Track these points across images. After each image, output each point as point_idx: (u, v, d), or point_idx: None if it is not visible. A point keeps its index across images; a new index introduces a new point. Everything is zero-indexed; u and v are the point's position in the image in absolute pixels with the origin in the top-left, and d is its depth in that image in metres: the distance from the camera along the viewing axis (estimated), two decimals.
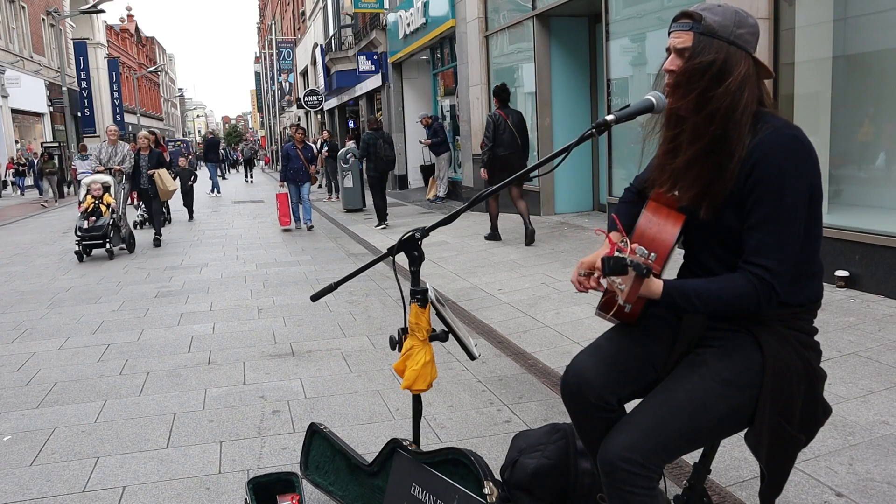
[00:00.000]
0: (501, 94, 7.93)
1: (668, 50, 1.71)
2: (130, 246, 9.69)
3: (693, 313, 1.70)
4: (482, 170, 7.96)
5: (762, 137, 1.60)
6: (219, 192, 20.73)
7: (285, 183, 11.42)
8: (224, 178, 31.34)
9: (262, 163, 47.63)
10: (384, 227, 10.57)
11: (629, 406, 1.81)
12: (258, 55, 62.39)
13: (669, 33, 1.71)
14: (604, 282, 1.60)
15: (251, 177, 30.71)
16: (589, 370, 1.79)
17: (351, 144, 15.11)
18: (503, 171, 7.64)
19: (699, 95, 1.64)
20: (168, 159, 12.54)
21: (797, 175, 1.58)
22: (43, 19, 30.67)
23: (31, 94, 28.18)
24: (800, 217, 1.60)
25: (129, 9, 58.54)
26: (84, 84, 34.04)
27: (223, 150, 33.27)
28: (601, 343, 1.86)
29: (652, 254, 1.53)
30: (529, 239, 7.73)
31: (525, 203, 7.80)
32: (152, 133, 11.13)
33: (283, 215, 11.41)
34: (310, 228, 11.33)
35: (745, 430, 1.71)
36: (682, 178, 1.71)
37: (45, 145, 25.39)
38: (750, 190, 1.61)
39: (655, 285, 1.59)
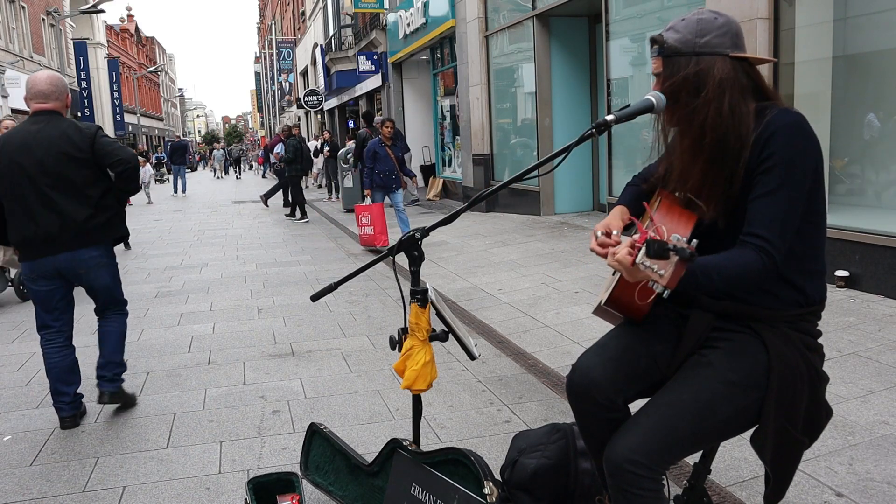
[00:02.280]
0: (367, 118, 11.98)
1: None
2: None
3: (706, 292, 1.69)
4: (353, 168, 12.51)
5: (771, 117, 1.62)
6: (184, 191, 21.64)
7: (370, 192, 8.62)
8: (239, 177, 36.02)
9: (255, 163, 48.28)
10: (306, 221, 12.25)
11: (633, 406, 1.81)
12: (258, 55, 62.39)
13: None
14: (641, 263, 1.42)
15: (239, 175, 36.19)
16: (596, 369, 1.79)
17: (351, 144, 15.11)
18: None
19: (684, 110, 1.68)
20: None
21: (805, 151, 1.60)
22: (43, 19, 30.66)
23: None
24: (804, 194, 1.61)
25: (129, 9, 58.50)
26: (84, 84, 33.99)
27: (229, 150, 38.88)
28: (606, 342, 1.86)
29: (694, 240, 1.46)
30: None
31: None
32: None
33: (380, 232, 8.31)
34: None
35: (751, 433, 1.71)
36: (699, 197, 1.70)
37: None
38: (760, 163, 1.61)
39: None
